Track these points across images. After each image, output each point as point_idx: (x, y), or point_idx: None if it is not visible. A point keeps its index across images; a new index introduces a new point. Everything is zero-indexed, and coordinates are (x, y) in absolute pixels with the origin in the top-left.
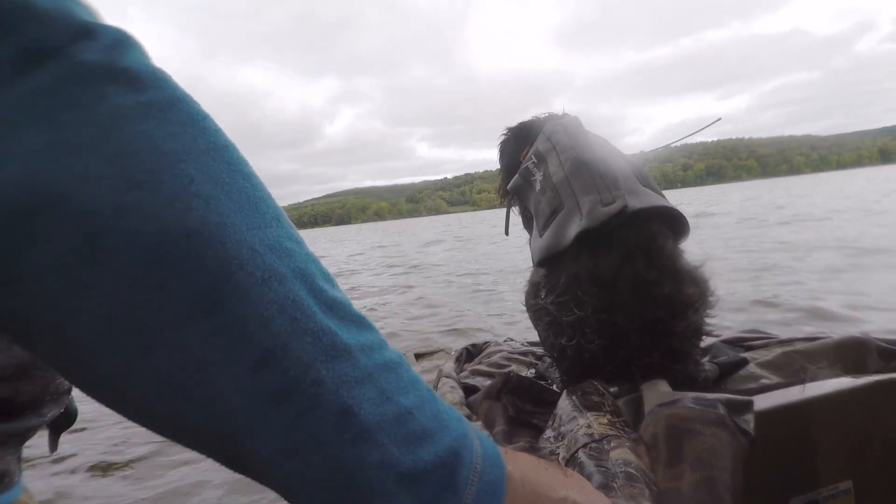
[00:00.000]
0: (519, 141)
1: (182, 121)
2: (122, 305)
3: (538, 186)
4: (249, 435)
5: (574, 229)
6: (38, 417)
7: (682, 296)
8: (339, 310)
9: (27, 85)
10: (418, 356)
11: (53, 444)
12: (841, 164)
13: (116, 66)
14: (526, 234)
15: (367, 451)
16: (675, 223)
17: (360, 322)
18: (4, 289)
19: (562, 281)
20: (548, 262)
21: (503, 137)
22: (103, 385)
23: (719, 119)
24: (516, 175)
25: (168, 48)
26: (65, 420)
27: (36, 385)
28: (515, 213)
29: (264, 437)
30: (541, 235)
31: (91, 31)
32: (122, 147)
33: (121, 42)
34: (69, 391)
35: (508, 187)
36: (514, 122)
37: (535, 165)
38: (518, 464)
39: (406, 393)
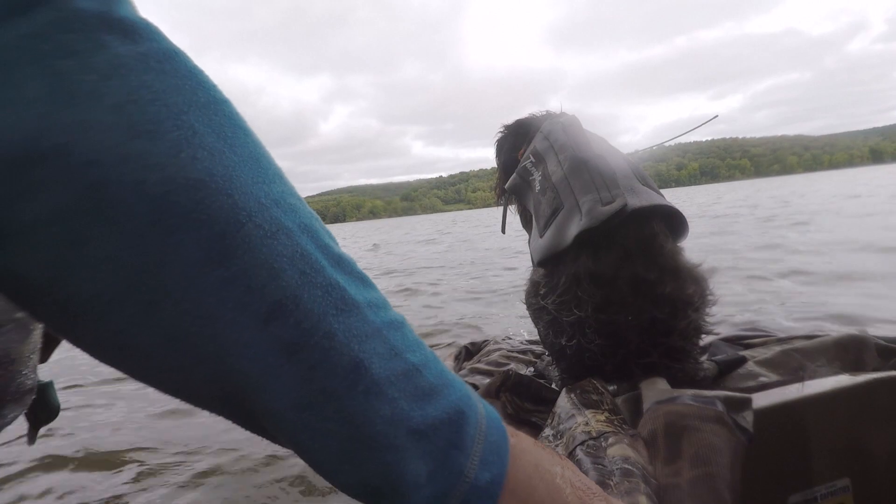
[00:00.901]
0: (516, 139)
1: (180, 73)
2: (129, 257)
3: (537, 186)
4: (261, 388)
5: (574, 229)
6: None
7: (683, 294)
8: (346, 266)
9: (19, 28)
10: None
11: (31, 438)
12: (833, 164)
13: (111, 15)
14: (521, 231)
15: (378, 404)
16: (674, 222)
17: (364, 280)
18: (2, 243)
19: (562, 281)
20: (548, 261)
21: (500, 135)
22: (108, 342)
23: (716, 116)
24: (514, 174)
25: None
26: (45, 414)
27: None
28: (512, 211)
29: (276, 390)
30: (541, 236)
31: None
32: (123, 97)
33: None
34: (32, 390)
35: (506, 187)
36: (510, 120)
37: (533, 165)
38: (518, 436)
39: (413, 350)
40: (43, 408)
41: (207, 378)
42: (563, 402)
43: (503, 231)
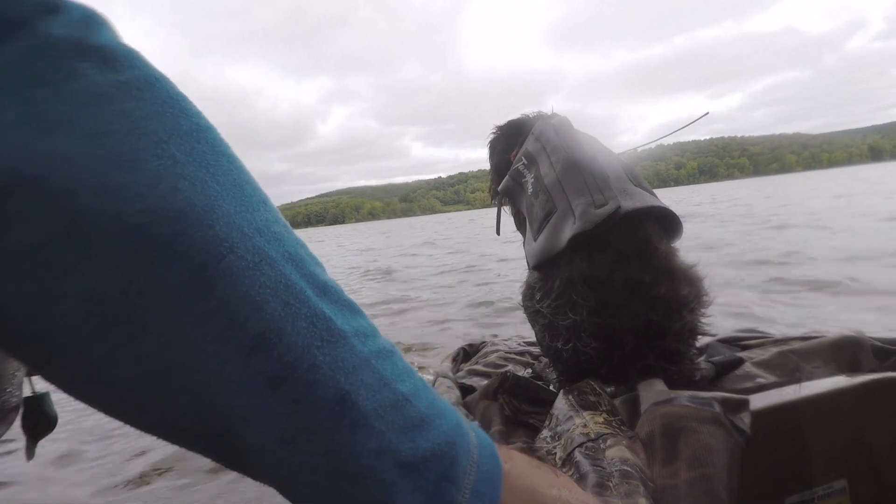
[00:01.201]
0: (509, 140)
1: (162, 100)
2: (108, 290)
3: (530, 189)
4: (244, 423)
5: (568, 232)
6: None
7: (678, 296)
8: (332, 294)
9: None
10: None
11: (30, 452)
12: (832, 163)
13: (87, 43)
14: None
15: (365, 438)
16: (668, 223)
17: (352, 308)
18: None
19: (556, 284)
20: (542, 265)
21: (492, 136)
22: (86, 377)
23: (707, 114)
24: (506, 177)
25: (156, 46)
26: (44, 426)
27: None
28: (506, 212)
29: (259, 424)
30: (535, 239)
31: (57, 6)
32: (100, 126)
33: (90, 19)
34: (16, 409)
35: (499, 188)
36: (502, 121)
37: (525, 167)
38: (513, 460)
39: (402, 380)
40: (40, 419)
41: (188, 413)
42: (561, 404)
43: (498, 233)
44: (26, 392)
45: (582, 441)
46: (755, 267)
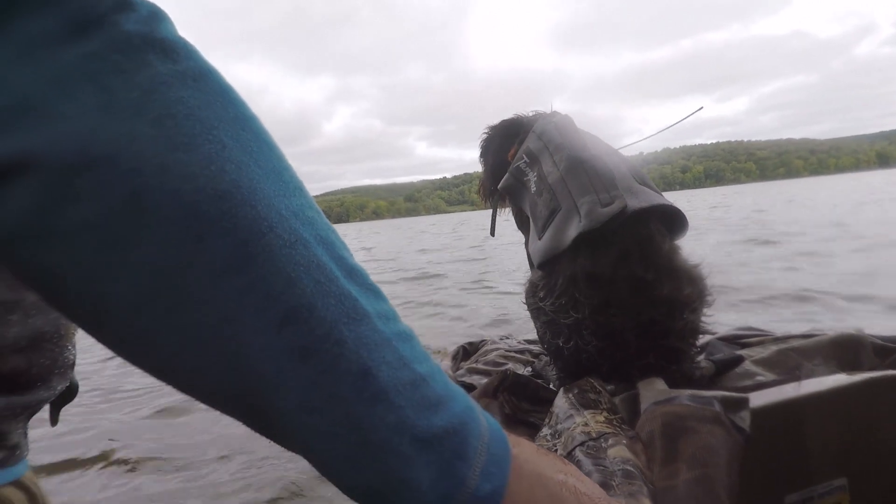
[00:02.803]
0: (505, 139)
1: (213, 90)
2: (160, 261)
3: (533, 187)
4: (273, 390)
5: (573, 231)
6: (47, 390)
7: (681, 295)
8: (359, 277)
9: (78, 50)
10: None
11: (54, 418)
12: (839, 168)
13: (154, 36)
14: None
15: (384, 411)
16: (673, 221)
17: (376, 292)
18: (43, 243)
19: (559, 282)
20: (546, 263)
21: (485, 136)
22: (133, 340)
23: (701, 108)
24: (507, 174)
25: None
26: (67, 394)
27: (47, 358)
28: (501, 214)
29: (288, 391)
30: (539, 238)
31: (129, 4)
32: (163, 111)
33: (155, 14)
34: (73, 365)
35: (499, 187)
36: (495, 121)
37: (527, 165)
38: (521, 445)
39: (420, 362)
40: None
41: (224, 378)
42: (561, 402)
43: (492, 233)
44: None
45: (583, 440)
46: None
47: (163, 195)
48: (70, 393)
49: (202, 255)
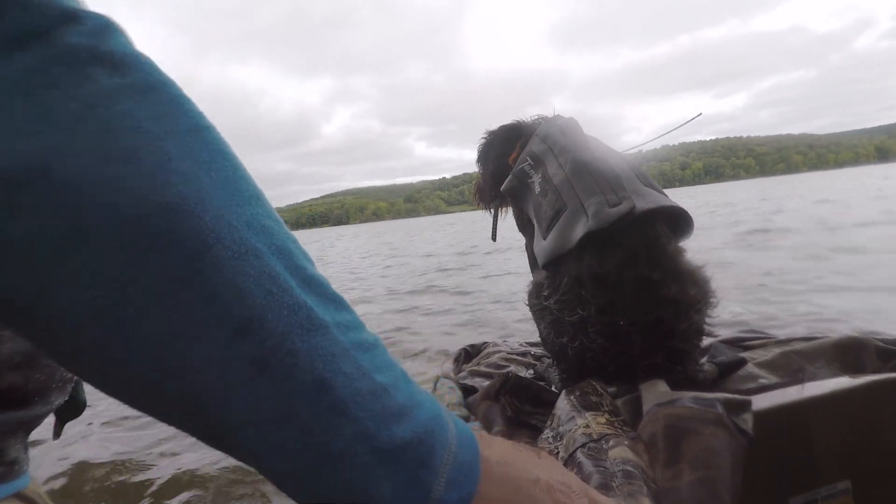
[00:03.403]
0: (506, 144)
1: (164, 102)
2: (104, 277)
3: (537, 189)
4: (226, 404)
5: (580, 231)
6: (45, 405)
7: (686, 297)
8: (317, 287)
9: (14, 65)
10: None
11: (58, 432)
12: (839, 163)
13: (100, 49)
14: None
15: (342, 423)
16: (679, 222)
17: (338, 302)
18: None
19: (564, 281)
20: (551, 263)
21: (484, 141)
22: (80, 356)
23: (700, 115)
24: (510, 177)
25: (158, 47)
26: (72, 409)
27: (43, 373)
28: (502, 216)
29: (240, 406)
30: (544, 238)
31: (76, 16)
32: (102, 124)
33: (105, 27)
34: (72, 379)
35: (502, 189)
36: (494, 126)
37: (531, 167)
38: (493, 447)
39: (382, 371)
40: (69, 403)
41: (175, 393)
42: (563, 404)
43: (493, 238)
44: None
45: (584, 441)
46: None
47: (101, 209)
48: (76, 408)
49: (147, 268)
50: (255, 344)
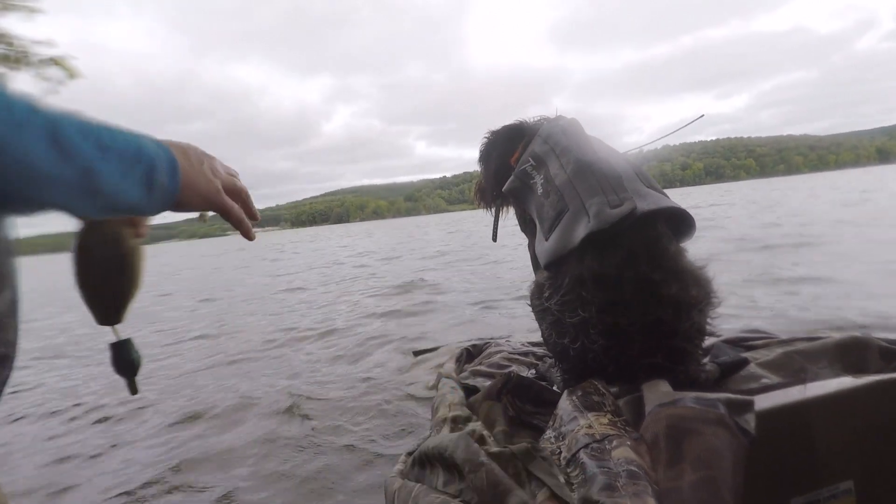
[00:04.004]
0: (507, 144)
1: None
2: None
3: (539, 189)
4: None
5: (581, 231)
6: None
7: (687, 296)
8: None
9: None
10: (417, 353)
11: (132, 387)
12: (839, 164)
13: None
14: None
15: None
16: (680, 222)
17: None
18: None
19: (566, 282)
20: (553, 264)
21: (486, 141)
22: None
23: (702, 116)
24: (512, 177)
25: (157, 45)
26: (131, 367)
27: None
28: (503, 216)
29: (48, 166)
30: (546, 239)
31: None
32: None
33: None
34: (9, 356)
35: (504, 189)
36: (496, 125)
37: (533, 168)
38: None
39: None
40: (127, 361)
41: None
42: (565, 404)
43: (494, 239)
44: (112, 339)
45: (587, 442)
46: None
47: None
48: (133, 366)
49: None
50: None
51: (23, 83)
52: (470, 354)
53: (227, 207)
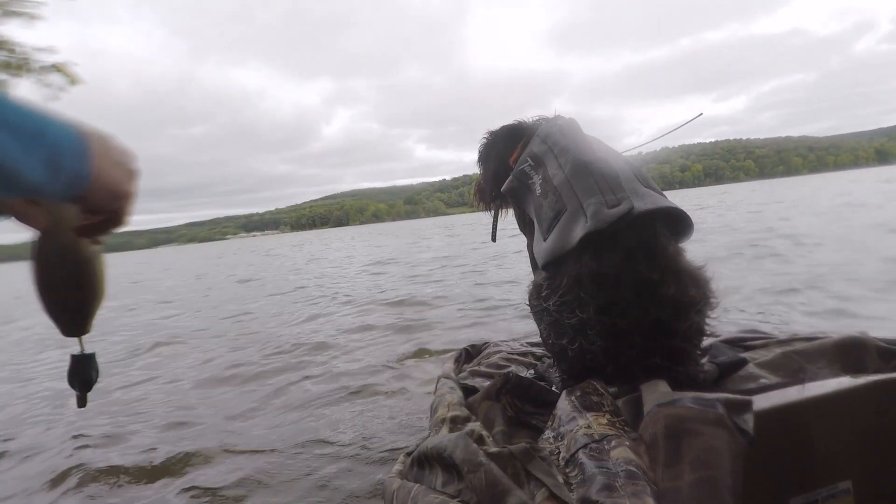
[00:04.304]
0: (507, 144)
1: None
2: None
3: (538, 189)
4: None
5: (579, 231)
6: None
7: (686, 297)
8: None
9: None
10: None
11: (81, 401)
12: (838, 165)
13: None
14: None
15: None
16: (678, 223)
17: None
18: None
19: (564, 282)
20: (551, 264)
21: (486, 141)
22: None
23: (701, 114)
24: (510, 177)
25: (157, 49)
26: (87, 382)
27: None
28: (502, 217)
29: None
30: (544, 239)
31: None
32: None
33: None
34: None
35: (503, 189)
36: (495, 126)
37: (531, 168)
38: (93, 140)
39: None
40: (84, 376)
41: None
42: (564, 405)
43: (493, 239)
44: (76, 351)
45: (586, 442)
46: None
47: None
48: (89, 381)
49: None
50: None
51: (24, 90)
52: (469, 355)
53: (126, 211)
